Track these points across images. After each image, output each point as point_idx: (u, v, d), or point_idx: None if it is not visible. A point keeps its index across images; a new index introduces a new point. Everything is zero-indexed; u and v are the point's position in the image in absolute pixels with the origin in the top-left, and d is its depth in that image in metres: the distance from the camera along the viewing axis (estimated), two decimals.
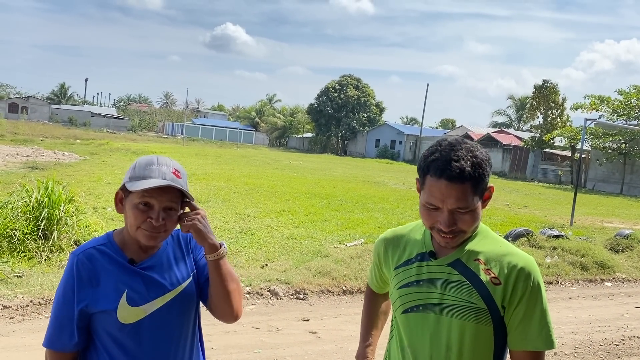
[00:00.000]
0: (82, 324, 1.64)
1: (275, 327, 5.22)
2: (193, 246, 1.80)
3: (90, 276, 1.62)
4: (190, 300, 1.74)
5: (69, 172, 16.13)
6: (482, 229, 1.65)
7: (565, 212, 15.83)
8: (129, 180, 1.62)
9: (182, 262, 1.75)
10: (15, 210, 6.64)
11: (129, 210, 1.62)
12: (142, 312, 1.64)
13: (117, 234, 1.72)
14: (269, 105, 78.58)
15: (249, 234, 9.14)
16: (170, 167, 1.66)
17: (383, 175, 26.98)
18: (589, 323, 6.18)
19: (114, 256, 1.66)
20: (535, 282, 1.54)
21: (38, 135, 38.23)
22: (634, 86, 32.06)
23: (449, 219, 1.51)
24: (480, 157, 1.51)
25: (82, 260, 1.63)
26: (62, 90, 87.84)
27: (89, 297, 1.61)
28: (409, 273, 1.66)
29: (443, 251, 1.63)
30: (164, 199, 1.61)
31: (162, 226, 1.61)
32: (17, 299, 5.17)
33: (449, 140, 1.55)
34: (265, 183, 17.09)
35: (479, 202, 1.53)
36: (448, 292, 1.57)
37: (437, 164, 1.50)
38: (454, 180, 1.48)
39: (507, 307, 1.54)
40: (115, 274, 1.64)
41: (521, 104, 65.85)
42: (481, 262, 1.58)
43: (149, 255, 1.70)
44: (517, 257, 1.57)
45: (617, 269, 8.63)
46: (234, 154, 36.26)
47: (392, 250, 1.76)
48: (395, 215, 12.57)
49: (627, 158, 32.05)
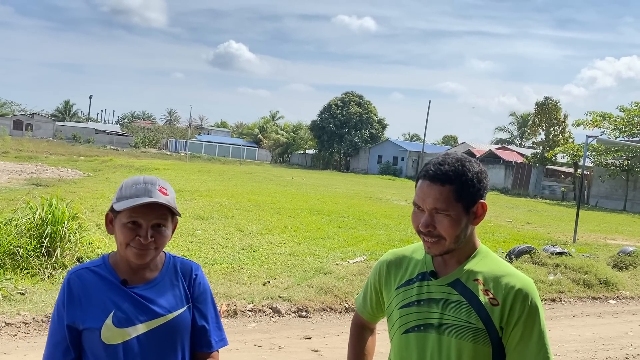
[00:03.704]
0: (73, 340, 1.65)
1: (278, 345, 5.20)
2: (195, 286, 1.79)
3: (80, 294, 1.65)
4: (180, 330, 1.73)
5: (72, 189, 16.19)
6: (482, 249, 1.67)
7: (568, 229, 15.78)
8: (116, 201, 1.64)
9: (178, 292, 1.74)
10: (19, 227, 6.67)
11: (118, 230, 1.64)
12: (126, 335, 1.63)
13: (111, 256, 1.74)
14: (272, 121, 78.94)
15: (252, 251, 9.14)
16: (156, 185, 1.68)
17: (385, 191, 26.99)
18: (592, 341, 6.14)
19: (106, 276, 1.68)
20: (533, 304, 1.55)
21: (42, 152, 38.43)
22: (636, 103, 32.18)
23: (427, 219, 1.55)
24: (467, 167, 1.56)
25: (74, 279, 1.67)
26: (66, 107, 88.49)
27: (77, 314, 1.63)
28: (410, 293, 1.67)
29: (443, 271, 1.64)
30: (151, 216, 1.63)
31: (151, 243, 1.63)
32: (19, 316, 5.17)
33: (446, 152, 1.61)
34: (267, 199, 17.12)
35: (462, 212, 1.55)
36: (447, 312, 1.58)
37: (426, 167, 1.60)
38: (435, 180, 1.54)
39: (505, 328, 1.55)
40: (105, 293, 1.65)
41: (523, 121, 66.07)
42: (480, 282, 1.59)
43: (145, 281, 1.71)
44: (515, 278, 1.58)
45: (620, 286, 8.59)
46: (236, 170, 36.35)
47: (395, 271, 1.77)
48: (397, 232, 12.56)
49: (629, 175, 32.02)
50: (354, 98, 55.90)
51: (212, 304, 1.83)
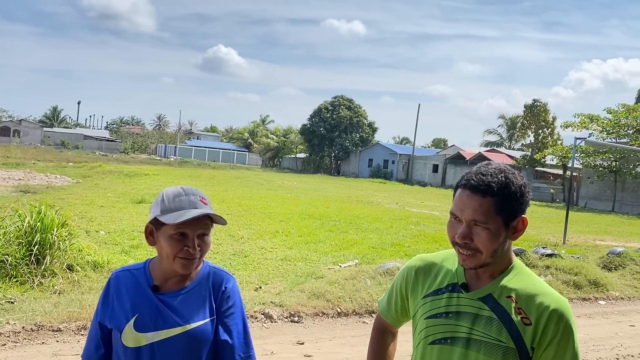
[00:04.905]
0: (105, 337, 1.73)
1: (270, 350, 5.19)
2: (222, 298, 1.77)
3: (114, 294, 1.73)
4: (200, 342, 1.70)
5: (61, 196, 16.05)
6: (517, 264, 1.62)
7: (557, 231, 15.89)
8: (160, 214, 1.66)
9: (203, 303, 1.73)
10: (7, 235, 6.59)
11: (165, 241, 1.66)
12: (143, 339, 1.66)
13: (152, 262, 1.79)
14: (262, 126, 78.89)
15: (243, 256, 9.11)
16: (197, 195, 1.73)
17: (376, 194, 27.03)
18: (583, 342, 6.18)
19: (141, 280, 1.74)
20: (568, 325, 1.50)
21: (30, 159, 38.10)
22: (623, 105, 32.54)
23: (465, 231, 1.49)
24: (511, 179, 1.50)
25: (114, 279, 1.76)
26: (54, 113, 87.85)
27: (108, 313, 1.72)
28: (439, 304, 1.62)
29: (475, 284, 1.60)
30: (197, 227, 1.67)
31: (197, 252, 1.67)
32: (9, 325, 5.11)
33: (488, 162, 1.58)
34: (258, 204, 17.08)
35: (502, 226, 1.50)
36: (477, 327, 1.54)
37: (467, 176, 1.53)
38: (476, 191, 1.48)
39: (536, 349, 1.51)
40: (135, 296, 1.71)
41: (512, 123, 66.53)
42: (513, 299, 1.54)
43: (176, 288, 1.73)
44: (550, 298, 1.54)
45: (610, 287, 8.66)
46: (227, 175, 36.26)
47: (423, 278, 1.71)
48: (389, 235, 12.58)
49: (617, 176, 32.34)
50: (344, 102, 55.99)
51: (242, 319, 1.79)
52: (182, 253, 1.65)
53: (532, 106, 40.03)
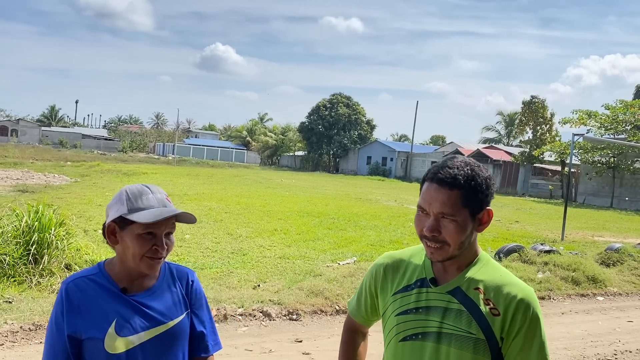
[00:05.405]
0: (74, 350, 1.62)
1: (268, 348, 5.19)
2: (192, 292, 1.80)
3: (79, 303, 1.62)
4: (182, 336, 1.74)
5: (59, 195, 16.03)
6: (483, 256, 1.64)
7: (556, 227, 15.92)
8: (128, 212, 1.62)
9: (177, 298, 1.75)
10: (5, 234, 6.58)
11: (132, 241, 1.62)
12: (130, 343, 1.63)
13: (107, 264, 1.72)
14: (260, 124, 78.85)
15: (241, 254, 9.10)
16: (163, 194, 1.70)
17: (375, 192, 27.04)
18: (581, 338, 6.19)
19: (105, 285, 1.66)
20: (534, 314, 1.53)
21: (28, 158, 38.03)
22: (621, 101, 32.55)
23: (432, 224, 1.51)
24: (476, 172, 1.53)
25: (73, 288, 1.64)
26: (52, 112, 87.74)
27: (78, 324, 1.61)
28: (408, 300, 1.63)
29: (443, 278, 1.61)
30: (166, 226, 1.65)
31: (165, 251, 1.65)
32: (6, 325, 5.10)
33: (453, 155, 1.60)
34: (257, 202, 17.08)
35: (469, 218, 1.52)
36: (447, 320, 1.55)
37: (434, 170, 1.55)
38: (443, 184, 1.50)
39: (505, 339, 1.53)
40: (107, 302, 1.64)
41: (510, 120, 66.55)
42: (481, 291, 1.56)
43: (144, 288, 1.70)
44: (516, 288, 1.56)
45: (608, 283, 8.67)
46: (225, 173, 36.24)
47: (392, 275, 1.72)
48: (387, 232, 12.59)
49: (616, 172, 32.37)
50: (342, 99, 55.95)
51: (207, 309, 1.85)
52: (150, 252, 1.62)
53: (530, 103, 40.03)
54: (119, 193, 1.69)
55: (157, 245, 1.63)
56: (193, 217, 1.69)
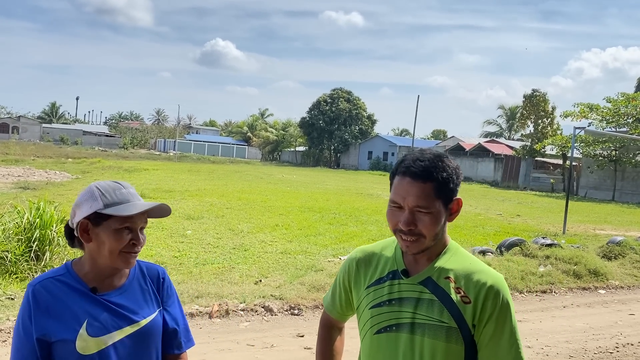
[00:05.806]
0: (43, 353, 1.58)
1: (270, 343, 5.20)
2: (163, 289, 1.80)
3: (48, 305, 1.58)
4: (156, 334, 1.73)
5: (60, 192, 16.04)
6: (452, 245, 1.65)
7: (557, 220, 15.91)
8: (104, 207, 1.60)
9: (149, 296, 1.74)
10: (6, 231, 6.60)
11: (109, 236, 1.60)
12: (102, 343, 1.59)
13: (75, 264, 1.68)
14: (261, 119, 78.75)
15: (243, 250, 9.11)
16: (133, 189, 1.70)
17: (376, 187, 27.03)
18: (583, 331, 6.19)
19: (74, 285, 1.63)
20: (505, 300, 1.54)
21: (29, 155, 38.07)
22: (622, 94, 32.43)
23: (408, 218, 1.52)
24: (446, 163, 1.54)
25: (39, 290, 1.59)
26: (53, 109, 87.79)
27: (47, 326, 1.57)
28: (381, 292, 1.64)
29: (414, 269, 1.62)
30: (141, 221, 1.65)
31: (140, 246, 1.65)
32: (9, 321, 5.12)
33: (421, 148, 1.61)
34: (258, 198, 17.09)
35: (442, 209, 1.54)
36: (420, 311, 1.56)
37: (404, 164, 1.56)
38: (417, 178, 1.51)
39: (477, 326, 1.54)
40: (76, 302, 1.61)
41: (511, 114, 66.44)
42: (451, 280, 1.58)
43: (114, 287, 1.68)
44: (486, 275, 1.57)
45: (610, 276, 8.67)
46: (226, 169, 36.25)
47: (365, 269, 1.73)
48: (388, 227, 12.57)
49: (617, 165, 32.32)
50: (343, 94, 55.88)
51: (180, 306, 1.85)
52: (128, 247, 1.61)
53: (531, 96, 39.93)
54: (88, 190, 1.66)
55: (134, 240, 1.62)
56: (168, 209, 1.69)
